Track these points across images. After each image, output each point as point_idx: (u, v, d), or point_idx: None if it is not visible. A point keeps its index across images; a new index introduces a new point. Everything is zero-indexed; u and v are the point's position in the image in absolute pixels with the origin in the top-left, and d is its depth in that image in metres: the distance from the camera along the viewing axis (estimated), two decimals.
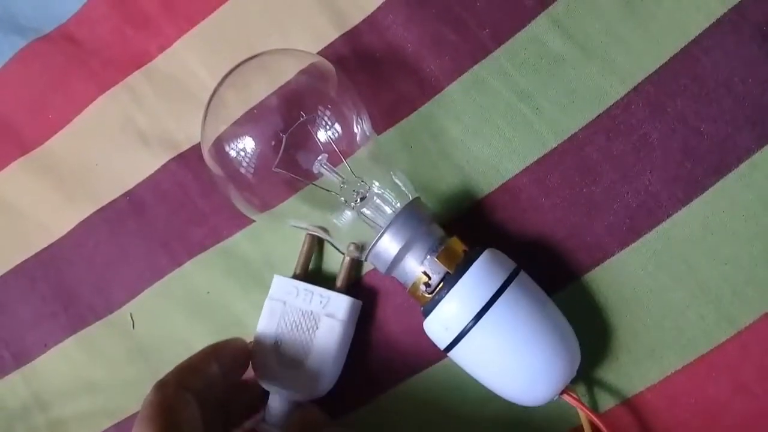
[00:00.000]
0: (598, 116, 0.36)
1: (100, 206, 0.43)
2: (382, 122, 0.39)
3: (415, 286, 0.32)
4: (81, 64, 0.45)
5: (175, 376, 0.32)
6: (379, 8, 0.40)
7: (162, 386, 0.30)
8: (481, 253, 0.32)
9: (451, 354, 0.32)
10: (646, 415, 0.34)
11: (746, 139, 0.34)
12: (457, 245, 0.33)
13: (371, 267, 0.37)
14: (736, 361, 0.33)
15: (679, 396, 0.34)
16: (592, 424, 0.33)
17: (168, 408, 0.29)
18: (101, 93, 0.44)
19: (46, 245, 0.43)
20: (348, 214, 0.34)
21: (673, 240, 0.34)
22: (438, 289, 0.32)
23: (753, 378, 0.33)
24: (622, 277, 0.35)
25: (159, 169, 0.42)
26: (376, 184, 0.34)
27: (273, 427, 0.35)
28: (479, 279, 0.31)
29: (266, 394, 0.35)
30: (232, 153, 0.34)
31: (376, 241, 0.32)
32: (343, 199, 0.34)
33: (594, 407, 0.33)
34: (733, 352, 0.33)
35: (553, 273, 0.35)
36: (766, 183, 0.34)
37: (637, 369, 0.34)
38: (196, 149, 0.41)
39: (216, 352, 0.34)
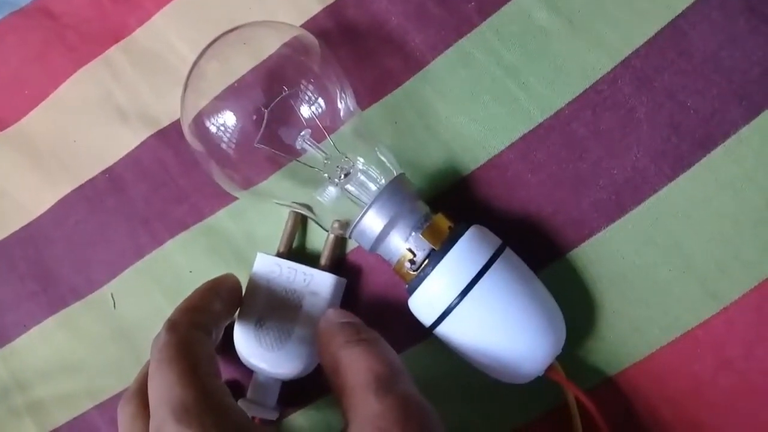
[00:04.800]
0: (585, 91, 0.36)
1: (78, 184, 0.42)
2: (366, 97, 0.38)
3: (400, 263, 0.32)
4: (58, 38, 0.44)
5: (184, 315, 0.30)
6: None
7: (174, 326, 0.29)
8: (466, 229, 0.31)
9: (437, 331, 0.32)
10: (631, 391, 0.34)
11: (733, 114, 0.34)
12: (443, 222, 0.32)
13: (356, 245, 0.37)
14: (721, 338, 0.33)
15: (664, 373, 0.34)
16: (578, 401, 0.33)
17: (186, 347, 0.28)
18: (79, 68, 0.43)
19: (24, 224, 0.43)
20: (332, 190, 0.34)
21: (660, 216, 0.34)
22: (423, 266, 0.31)
23: (738, 354, 0.33)
24: (608, 254, 0.35)
25: (139, 146, 0.41)
26: (361, 160, 0.34)
27: (256, 404, 0.34)
28: (464, 256, 0.30)
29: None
30: (213, 128, 0.34)
31: (361, 218, 0.32)
32: (326, 175, 0.34)
33: (579, 384, 0.32)
34: (718, 328, 0.33)
35: (539, 249, 0.35)
36: (753, 158, 0.34)
37: (622, 345, 0.34)
38: (176, 125, 0.40)
39: (215, 288, 0.33)
